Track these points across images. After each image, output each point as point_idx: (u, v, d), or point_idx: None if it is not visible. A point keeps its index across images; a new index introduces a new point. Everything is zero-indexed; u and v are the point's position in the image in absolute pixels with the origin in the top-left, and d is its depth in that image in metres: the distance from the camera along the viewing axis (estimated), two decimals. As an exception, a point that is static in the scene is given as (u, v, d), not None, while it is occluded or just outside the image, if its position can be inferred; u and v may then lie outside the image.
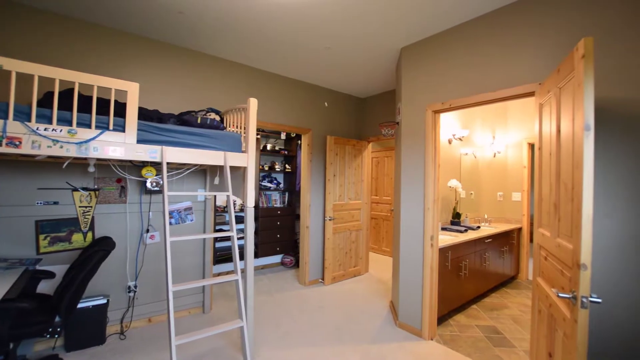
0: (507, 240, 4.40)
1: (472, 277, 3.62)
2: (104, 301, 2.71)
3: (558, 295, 1.48)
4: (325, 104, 4.52)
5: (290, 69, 3.85)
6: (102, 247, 2.25)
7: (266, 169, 5.14)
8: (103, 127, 1.98)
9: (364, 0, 2.40)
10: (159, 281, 3.13)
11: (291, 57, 3.50)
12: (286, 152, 5.36)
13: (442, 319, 3.28)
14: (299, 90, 4.23)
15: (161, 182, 2.22)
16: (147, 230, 3.06)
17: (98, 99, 2.01)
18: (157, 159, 2.16)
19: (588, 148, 1.33)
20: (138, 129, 2.09)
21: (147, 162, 2.75)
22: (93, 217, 2.80)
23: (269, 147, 5.14)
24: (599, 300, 1.31)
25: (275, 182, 5.22)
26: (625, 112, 1.82)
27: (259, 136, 4.88)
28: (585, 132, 1.33)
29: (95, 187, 2.82)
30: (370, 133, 4.83)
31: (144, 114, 2.37)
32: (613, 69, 1.87)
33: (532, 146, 4.76)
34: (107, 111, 2.00)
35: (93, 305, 2.65)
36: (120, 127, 2.03)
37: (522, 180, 4.77)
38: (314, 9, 2.53)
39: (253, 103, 2.49)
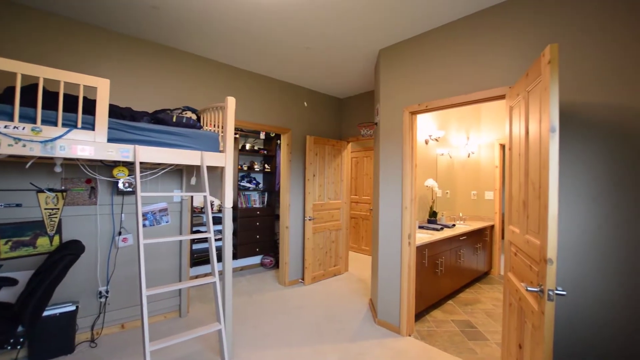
0: (480, 238, 4.57)
1: (447, 273, 3.73)
2: (72, 308, 2.57)
3: (527, 289, 1.56)
4: (305, 103, 4.51)
5: (269, 68, 3.81)
6: (71, 251, 2.14)
7: (245, 168, 5.07)
8: (71, 125, 1.88)
9: (343, 3, 2.42)
10: (132, 285, 3.01)
11: (271, 56, 3.47)
12: (265, 151, 5.31)
13: (419, 315, 3.36)
14: (279, 89, 4.21)
15: (134, 182, 2.14)
16: (120, 233, 2.94)
17: (66, 95, 1.91)
18: (130, 159, 2.07)
19: (553, 149, 1.40)
20: (109, 127, 2.00)
21: (119, 161, 2.64)
22: (60, 220, 2.66)
23: (247, 146, 5.08)
24: (564, 292, 1.38)
25: (254, 182, 5.16)
26: (590, 116, 1.94)
27: (237, 135, 4.81)
28: (551, 134, 1.40)
29: (63, 188, 2.67)
30: (350, 133, 4.87)
31: (116, 112, 2.28)
32: (579, 74, 1.98)
33: (503, 147, 4.96)
34: (75, 108, 1.91)
35: (60, 313, 2.51)
36: (90, 125, 1.93)
37: (494, 179, 4.97)
38: (293, 9, 2.52)
39: (231, 102, 2.45)
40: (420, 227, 4.02)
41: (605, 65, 1.90)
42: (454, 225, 4.35)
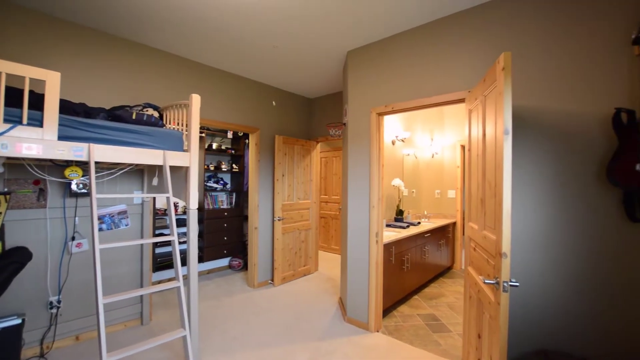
0: (443, 234, 4.78)
1: (413, 269, 3.87)
2: (17, 321, 2.34)
3: (484, 282, 1.65)
4: (273, 103, 4.47)
5: (237, 66, 3.73)
6: (15, 259, 1.96)
7: (212, 168, 4.92)
8: (15, 121, 1.72)
9: (311, 3, 2.42)
10: (88, 294, 2.82)
11: (238, 54, 3.40)
12: (233, 151, 5.19)
13: (387, 311, 3.45)
14: (247, 88, 4.13)
15: (89, 183, 2.00)
16: (73, 238, 2.73)
17: (10, 88, 1.75)
18: (84, 158, 1.94)
19: (507, 150, 1.50)
20: (60, 124, 1.86)
21: (72, 161, 2.46)
22: (3, 225, 2.40)
23: (214, 146, 4.93)
24: (517, 284, 1.49)
25: (221, 182, 5.03)
26: (540, 120, 2.09)
27: (203, 134, 4.66)
28: (505, 136, 1.50)
29: (6, 190, 2.44)
30: (319, 133, 4.89)
31: (68, 108, 2.12)
32: (530, 80, 2.14)
33: (464, 148, 5.22)
34: (20, 103, 1.74)
35: (3, 328, 2.28)
36: (37, 122, 1.78)
37: (456, 178, 5.23)
38: (260, 6, 2.49)
39: (196, 99, 2.37)
40: (388, 226, 4.13)
41: (554, 72, 2.06)
42: (419, 223, 4.52)
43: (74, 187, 2.68)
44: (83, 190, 2.73)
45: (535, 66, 2.13)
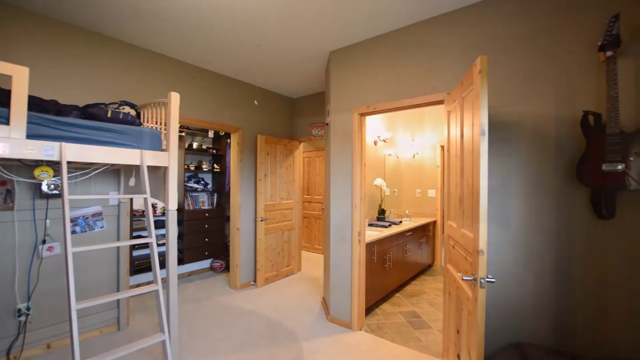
0: (424, 233, 4.88)
1: (395, 268, 3.93)
2: (-18, 330, 2.23)
3: (462, 279, 1.70)
4: (255, 102, 4.42)
5: (219, 64, 3.67)
6: (-21, 264, 1.85)
7: (192, 168, 4.82)
8: (-22, 118, 1.62)
9: (296, 4, 2.42)
10: (60, 299, 2.69)
11: (220, 52, 3.34)
12: (215, 151, 5.11)
13: (369, 310, 3.49)
14: (229, 87, 4.07)
15: (60, 184, 1.90)
16: (44, 241, 2.61)
17: (-30, 83, 1.64)
18: (55, 158, 1.85)
19: (483, 151, 1.55)
20: (29, 122, 1.76)
21: (42, 161, 2.35)
22: (-35, 229, 2.28)
23: (195, 145, 4.83)
24: (493, 280, 1.54)
25: (202, 182, 4.93)
26: (517, 121, 2.17)
27: (183, 134, 4.55)
28: (482, 137, 1.55)
29: (-32, 191, 2.30)
30: (302, 133, 4.89)
31: (38, 105, 2.01)
32: (507, 83, 2.21)
33: (443, 148, 5.35)
34: (-17, 99, 1.65)
35: (-34, 337, 2.16)
36: (3, 119, 1.69)
37: (436, 178, 5.35)
38: (244, 5, 2.46)
39: (175, 98, 2.31)
40: (370, 225, 4.17)
41: (529, 76, 2.15)
42: (400, 222, 4.59)
43: (44, 188, 2.56)
44: (55, 192, 2.60)
45: (511, 70, 2.20)
